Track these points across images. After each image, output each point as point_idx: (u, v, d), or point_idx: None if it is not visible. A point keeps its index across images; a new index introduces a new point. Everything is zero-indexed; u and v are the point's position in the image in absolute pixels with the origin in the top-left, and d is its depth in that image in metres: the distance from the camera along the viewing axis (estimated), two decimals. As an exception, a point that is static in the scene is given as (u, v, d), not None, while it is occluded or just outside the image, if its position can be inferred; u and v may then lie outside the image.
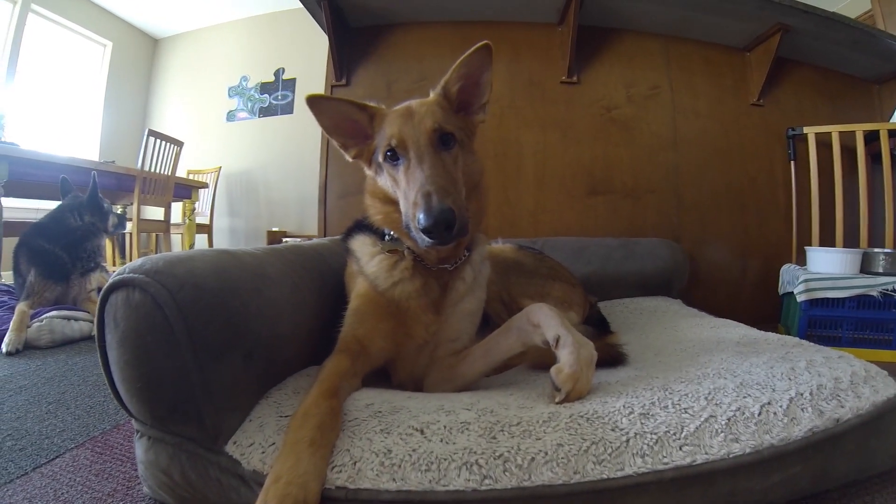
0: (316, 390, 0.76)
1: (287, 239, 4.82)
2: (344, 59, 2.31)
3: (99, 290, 2.52)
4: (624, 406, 0.74)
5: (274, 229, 4.90)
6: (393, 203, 0.94)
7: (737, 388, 0.80)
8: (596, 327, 1.44)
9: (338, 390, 0.78)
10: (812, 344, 1.10)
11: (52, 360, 1.77)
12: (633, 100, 2.35)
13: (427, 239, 0.79)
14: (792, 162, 2.53)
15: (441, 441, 0.68)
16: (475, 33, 2.29)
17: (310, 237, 4.77)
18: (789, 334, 2.15)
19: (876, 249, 2.27)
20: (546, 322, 0.86)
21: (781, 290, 2.36)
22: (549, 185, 2.27)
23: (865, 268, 2.15)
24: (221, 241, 5.29)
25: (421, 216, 0.77)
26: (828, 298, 2.06)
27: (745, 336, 1.23)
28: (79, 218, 2.38)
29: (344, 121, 0.99)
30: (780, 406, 0.74)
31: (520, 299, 1.32)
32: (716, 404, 0.75)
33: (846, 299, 2.05)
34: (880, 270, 2.15)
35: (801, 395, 0.78)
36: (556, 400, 0.77)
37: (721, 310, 2.35)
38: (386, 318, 0.96)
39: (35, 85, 4.45)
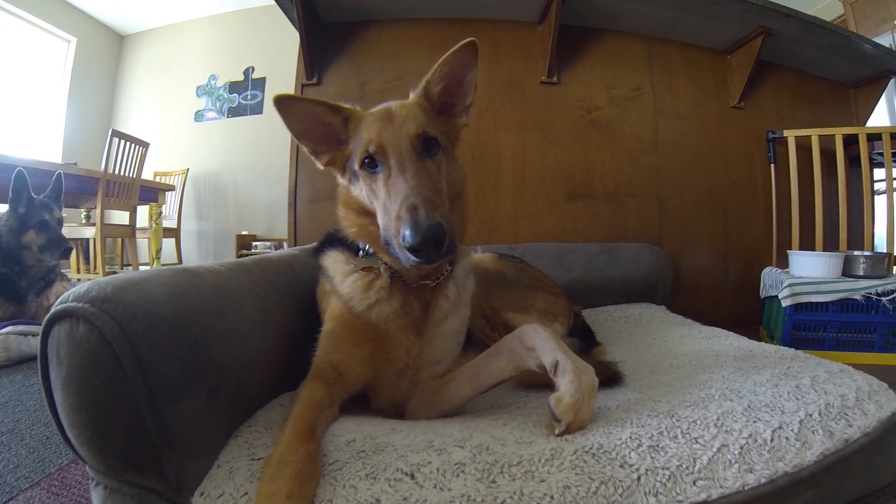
0: (290, 431, 0.67)
1: (257, 243, 4.67)
2: (315, 56, 2.20)
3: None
4: (631, 438, 0.68)
5: (243, 233, 4.76)
6: (369, 215, 0.85)
7: (745, 412, 0.75)
8: (581, 338, 1.38)
9: (314, 429, 0.70)
10: (809, 356, 1.06)
11: (6, 382, 1.64)
12: (614, 101, 2.29)
13: (413, 258, 0.71)
14: (772, 165, 2.51)
15: (435, 487, 0.60)
16: (454, 31, 2.21)
17: (279, 241, 4.71)
18: (772, 338, 2.19)
19: (856, 252, 2.29)
20: (542, 345, 0.78)
21: (763, 294, 2.36)
22: (528, 189, 2.19)
23: (847, 271, 2.16)
24: (189, 245, 5.13)
25: (407, 232, 0.69)
26: (812, 303, 2.04)
27: (740, 349, 1.19)
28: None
29: (315, 124, 0.89)
30: (792, 430, 0.71)
31: (503, 312, 1.26)
32: (727, 431, 0.70)
33: (830, 303, 2.05)
34: (861, 273, 2.16)
35: (811, 415, 0.74)
36: (557, 432, 0.70)
37: (704, 314, 2.32)
38: (363, 342, 0.87)
39: (-7, 83, 4.22)
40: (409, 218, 0.70)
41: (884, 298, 2.01)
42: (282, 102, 0.86)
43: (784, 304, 2.04)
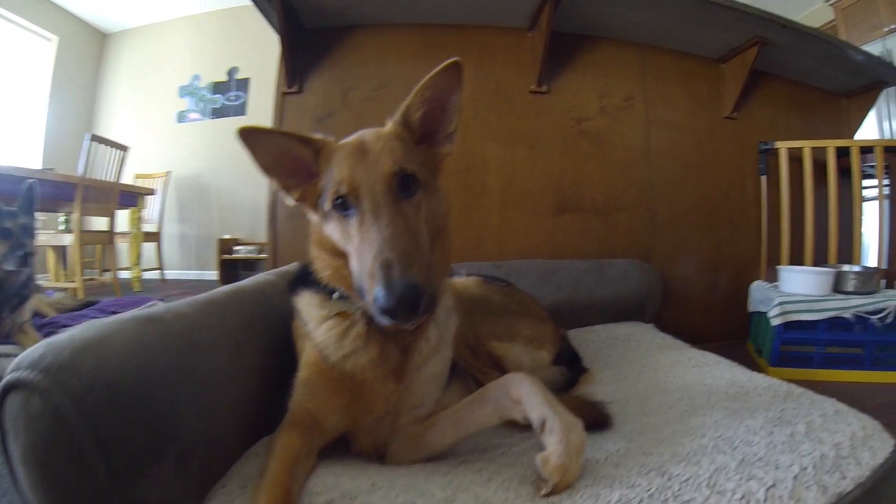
0: (265, 498, 0.64)
1: (239, 247, 4.54)
2: (297, 63, 2.09)
3: (36, 315, 2.23)
4: (620, 502, 0.64)
5: (226, 237, 4.64)
6: (343, 256, 0.78)
7: (739, 468, 0.72)
8: (568, 364, 1.32)
9: (290, 491, 0.67)
10: (802, 392, 1.03)
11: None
12: (605, 111, 2.20)
13: (386, 320, 0.65)
14: (763, 176, 2.45)
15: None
16: (440, 38, 2.12)
17: (262, 245, 4.57)
18: (760, 353, 2.13)
19: (846, 268, 2.24)
20: (529, 399, 0.74)
21: (751, 308, 2.31)
22: (515, 202, 2.10)
23: (837, 287, 2.11)
24: (171, 250, 5.01)
25: (380, 294, 0.63)
26: (801, 320, 1.98)
27: (732, 382, 1.14)
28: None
29: (284, 157, 0.81)
30: (786, 487, 0.67)
31: (487, 341, 1.20)
32: (719, 492, 0.66)
33: (819, 321, 1.98)
34: (851, 289, 2.11)
35: (805, 469, 0.71)
36: (543, 492, 0.67)
37: (692, 328, 2.29)
38: (340, 392, 0.83)
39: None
40: (383, 277, 0.64)
41: (873, 317, 1.95)
42: (248, 135, 0.77)
43: (774, 322, 1.98)
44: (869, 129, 3.54)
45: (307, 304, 0.88)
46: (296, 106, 2.09)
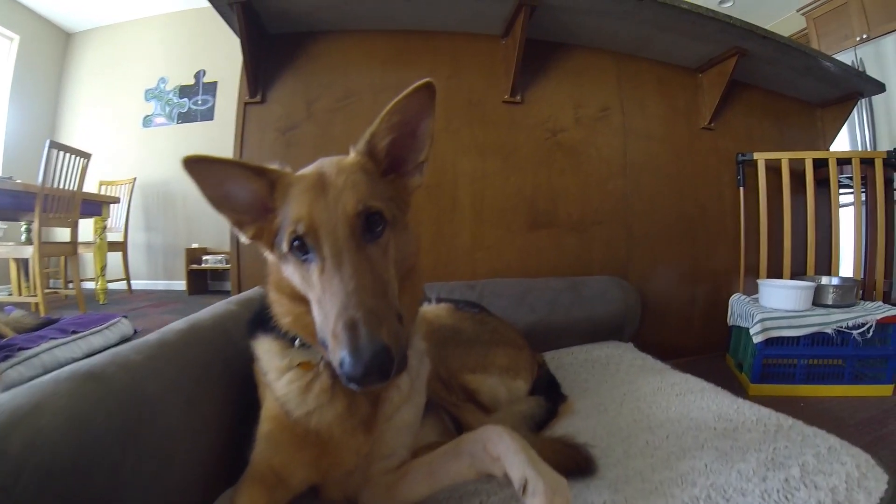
0: None
1: (207, 257, 4.35)
2: (260, 71, 1.95)
3: None
4: None
5: (193, 246, 4.45)
6: (305, 301, 0.69)
7: None
8: (546, 393, 1.24)
9: None
10: (793, 424, 0.98)
11: None
12: (581, 122, 2.10)
13: (354, 386, 0.58)
14: (741, 188, 2.37)
15: None
16: (409, 44, 1.99)
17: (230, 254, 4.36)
18: (741, 368, 2.06)
19: (824, 280, 2.19)
20: (509, 458, 0.70)
21: (731, 322, 2.23)
22: (487, 218, 1.98)
23: (816, 300, 2.05)
24: (138, 259, 4.79)
25: (345, 359, 0.56)
26: (783, 337, 1.91)
27: (720, 416, 1.07)
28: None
29: (236, 189, 0.71)
30: None
31: (461, 374, 1.12)
32: None
33: (801, 337, 1.91)
34: (830, 303, 2.07)
35: None
36: None
37: (671, 343, 2.22)
38: (305, 448, 0.76)
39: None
40: (348, 339, 0.56)
41: (854, 332, 1.89)
42: (194, 165, 0.67)
43: (755, 340, 1.92)
44: (842, 140, 3.52)
45: (266, 353, 0.80)
46: (258, 117, 1.95)
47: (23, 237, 3.62)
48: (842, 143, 3.61)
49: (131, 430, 0.63)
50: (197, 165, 0.67)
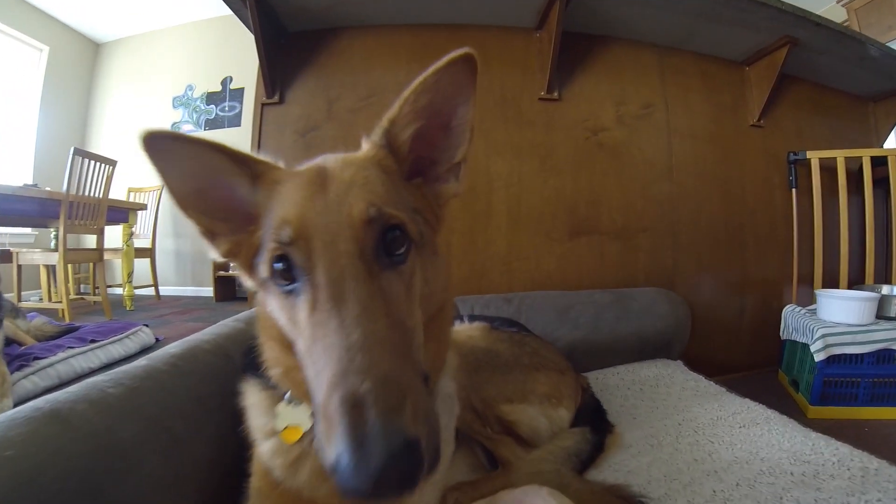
0: None
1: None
2: (277, 71, 1.79)
3: (8, 342, 1.95)
4: None
5: None
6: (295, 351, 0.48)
7: None
8: (591, 422, 1.07)
9: None
10: (879, 465, 0.82)
11: None
12: (623, 120, 1.87)
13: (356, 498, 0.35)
14: (793, 190, 2.11)
15: None
16: (437, 39, 1.80)
17: None
18: (795, 386, 1.87)
19: (885, 290, 1.94)
20: None
21: (784, 336, 1.99)
22: (524, 225, 1.77)
23: (879, 312, 1.81)
24: (166, 265, 4.69)
25: (343, 461, 0.33)
26: (846, 354, 1.67)
27: (794, 456, 0.91)
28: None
29: (209, 182, 0.51)
30: None
31: (497, 404, 0.96)
32: None
33: (865, 354, 1.67)
34: (894, 315, 1.81)
35: None
36: None
37: (719, 358, 1.99)
38: None
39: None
40: (348, 429, 0.34)
41: (925, 347, 1.65)
42: (153, 144, 0.48)
43: (817, 357, 1.68)
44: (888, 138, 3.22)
45: (252, 405, 0.60)
46: (276, 118, 1.77)
47: (52, 244, 3.54)
48: (889, 142, 3.30)
49: (95, 486, 0.49)
50: (157, 143, 0.48)
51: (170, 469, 0.60)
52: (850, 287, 2.05)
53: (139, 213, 3.95)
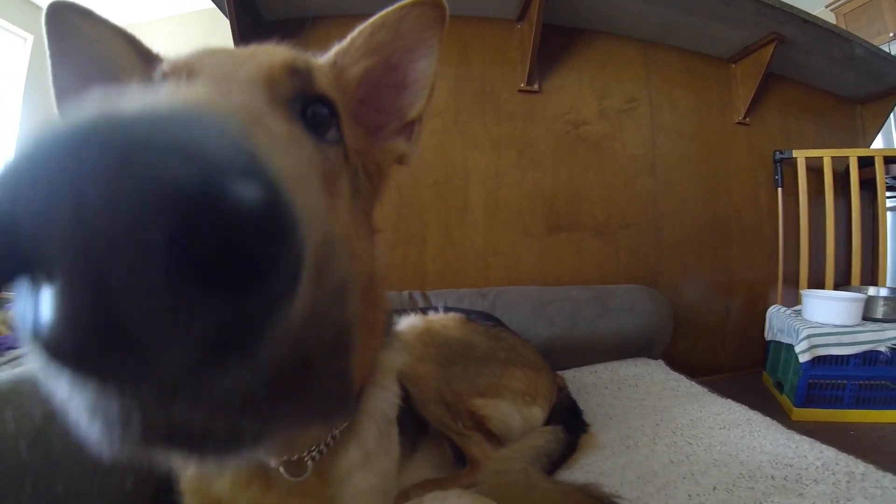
0: None
1: None
2: (252, 59, 1.71)
3: None
4: None
5: None
6: None
7: None
8: (565, 421, 1.03)
9: None
10: (865, 470, 0.79)
11: None
12: (605, 114, 1.83)
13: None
14: (779, 189, 2.08)
15: None
16: (416, 29, 1.72)
17: None
18: (780, 387, 1.83)
19: (872, 291, 1.91)
20: None
21: (769, 336, 1.95)
22: (501, 220, 1.71)
23: (865, 314, 1.76)
24: None
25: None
26: (831, 355, 1.63)
27: (775, 459, 0.87)
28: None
29: (101, 75, 0.44)
30: None
31: (469, 398, 0.93)
32: None
33: (850, 356, 1.64)
34: (881, 317, 1.81)
35: None
36: None
37: (703, 360, 1.95)
38: None
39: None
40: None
41: (914, 351, 1.62)
42: (59, 15, 0.42)
43: (802, 358, 1.65)
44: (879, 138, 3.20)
45: None
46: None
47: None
48: (876, 143, 3.29)
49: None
50: (65, 18, 0.42)
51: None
52: (835, 288, 2.02)
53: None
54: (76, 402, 0.16)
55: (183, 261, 0.13)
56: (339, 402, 0.23)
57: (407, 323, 1.01)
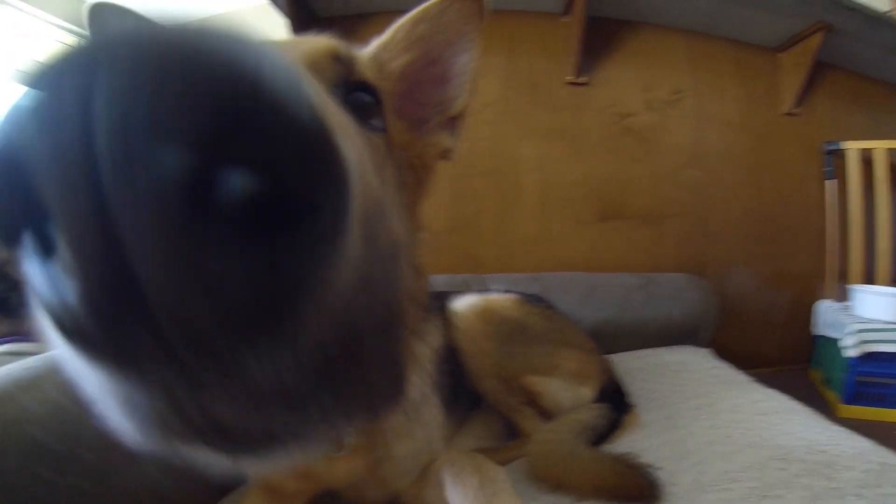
0: None
1: None
2: (308, 56, 1.79)
3: None
4: None
5: None
6: None
7: None
8: (611, 401, 1.06)
9: None
10: (891, 456, 0.78)
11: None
12: (652, 106, 1.84)
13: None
14: (828, 181, 2.04)
15: None
16: (465, 25, 1.78)
17: None
18: (828, 384, 1.81)
19: None
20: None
21: (817, 331, 1.92)
22: (552, 208, 1.75)
23: (915, 311, 1.71)
24: None
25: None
26: (881, 352, 1.60)
27: (810, 446, 0.84)
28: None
29: None
30: None
31: (523, 375, 0.97)
32: None
33: (899, 353, 1.61)
34: None
35: None
36: None
37: (748, 353, 1.93)
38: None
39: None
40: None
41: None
42: (103, 16, 0.41)
43: (849, 354, 1.62)
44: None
45: None
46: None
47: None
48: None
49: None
50: (109, 17, 0.40)
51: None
52: (891, 284, 1.96)
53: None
54: (98, 388, 0.15)
55: (213, 196, 0.11)
56: (391, 394, 0.20)
57: (468, 301, 1.05)
